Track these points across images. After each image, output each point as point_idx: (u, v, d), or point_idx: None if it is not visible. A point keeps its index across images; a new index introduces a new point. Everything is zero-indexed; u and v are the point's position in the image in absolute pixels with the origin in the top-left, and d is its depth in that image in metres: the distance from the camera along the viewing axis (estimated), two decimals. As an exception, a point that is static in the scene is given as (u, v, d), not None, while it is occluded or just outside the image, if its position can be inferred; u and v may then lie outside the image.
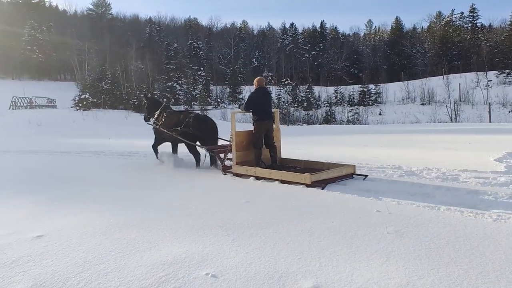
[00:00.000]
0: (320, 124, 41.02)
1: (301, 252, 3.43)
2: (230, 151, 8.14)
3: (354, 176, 7.10)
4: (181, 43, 76.22)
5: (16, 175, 8.90)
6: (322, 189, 6.16)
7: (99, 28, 76.87)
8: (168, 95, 53.48)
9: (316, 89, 57.38)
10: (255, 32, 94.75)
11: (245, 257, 3.37)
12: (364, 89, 53.84)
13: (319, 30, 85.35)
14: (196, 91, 53.62)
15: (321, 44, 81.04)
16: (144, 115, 10.79)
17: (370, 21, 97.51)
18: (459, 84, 49.95)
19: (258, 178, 7.20)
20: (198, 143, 9.32)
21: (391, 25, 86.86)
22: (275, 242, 3.70)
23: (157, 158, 9.96)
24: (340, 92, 55.24)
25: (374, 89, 54.85)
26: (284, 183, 6.66)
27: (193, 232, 4.05)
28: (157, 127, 9.88)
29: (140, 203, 5.51)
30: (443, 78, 54.23)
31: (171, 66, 61.88)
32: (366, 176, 7.05)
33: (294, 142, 14.15)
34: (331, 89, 57.95)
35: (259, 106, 7.93)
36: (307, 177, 6.38)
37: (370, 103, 52.08)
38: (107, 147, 14.63)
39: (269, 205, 5.09)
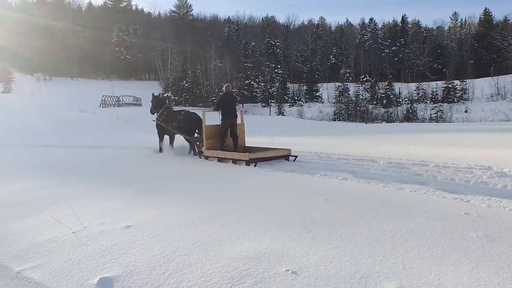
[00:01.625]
0: (400, 122, 39.60)
1: (383, 253, 3.33)
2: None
3: (289, 157, 9.29)
4: (258, 41, 77.12)
5: (105, 169, 9.49)
6: (255, 166, 8.50)
7: (181, 29, 79.77)
8: (246, 93, 54.40)
9: (397, 86, 55.36)
10: (332, 29, 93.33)
11: (325, 255, 3.33)
12: (449, 85, 51.07)
13: (400, 24, 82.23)
14: (273, 89, 53.98)
15: (402, 39, 78.01)
16: (150, 108, 12.86)
17: (455, 13, 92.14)
18: (558, 78, 45.83)
19: (219, 159, 9.68)
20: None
21: (479, 17, 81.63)
22: (356, 242, 3.63)
23: (160, 148, 12.30)
24: (422, 89, 52.78)
25: (460, 85, 51.89)
26: (234, 161, 9.16)
27: (272, 228, 4.08)
28: (159, 122, 12.23)
29: (219, 198, 5.63)
30: (539, 73, 50.04)
31: (249, 65, 62.82)
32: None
33: (373, 140, 13.81)
34: (413, 86, 55.54)
35: (225, 107, 10.23)
36: (246, 155, 8.85)
37: (455, 100, 49.26)
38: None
39: (347, 204, 4.99)
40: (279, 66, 64.16)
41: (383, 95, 50.58)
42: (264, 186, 6.53)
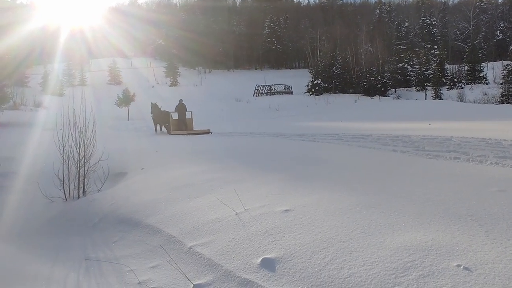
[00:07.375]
0: None
1: None
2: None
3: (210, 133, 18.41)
4: (412, 21, 72.83)
5: (260, 154, 9.87)
6: (188, 135, 18.48)
7: (330, 15, 79.25)
8: (399, 77, 51.92)
9: None
10: (499, 1, 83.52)
11: (503, 252, 2.97)
12: None
13: None
14: (429, 71, 50.44)
15: None
16: (150, 111, 22.34)
17: None
18: None
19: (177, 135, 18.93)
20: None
21: None
22: (541, 239, 3.17)
23: (156, 131, 21.84)
24: None
25: None
26: (183, 135, 18.54)
27: (438, 219, 3.78)
28: (153, 116, 22.00)
29: (375, 186, 5.43)
30: None
31: (402, 47, 59.81)
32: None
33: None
34: None
35: (178, 111, 20.95)
36: (185, 132, 19.27)
37: None
38: (340, 130, 14.95)
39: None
40: (435, 47, 59.60)
41: None
42: (424, 175, 6.12)
